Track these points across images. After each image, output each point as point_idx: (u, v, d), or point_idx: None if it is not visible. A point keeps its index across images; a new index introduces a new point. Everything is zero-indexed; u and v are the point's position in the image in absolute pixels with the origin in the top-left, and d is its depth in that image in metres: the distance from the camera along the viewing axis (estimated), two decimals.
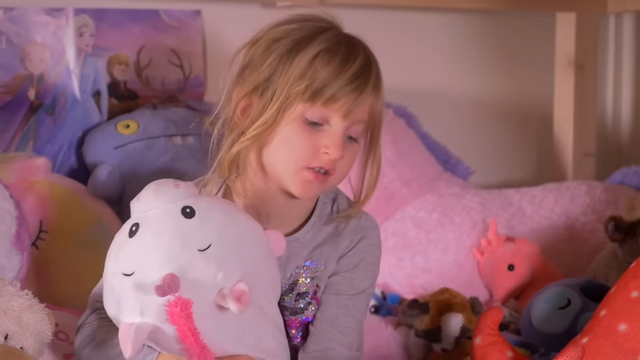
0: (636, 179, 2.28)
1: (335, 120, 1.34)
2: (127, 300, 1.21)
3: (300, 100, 1.32)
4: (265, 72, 1.35)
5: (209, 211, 1.24)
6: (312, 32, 1.37)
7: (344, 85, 1.33)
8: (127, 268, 1.22)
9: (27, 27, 2.03)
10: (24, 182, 1.79)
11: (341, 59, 1.34)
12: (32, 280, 1.59)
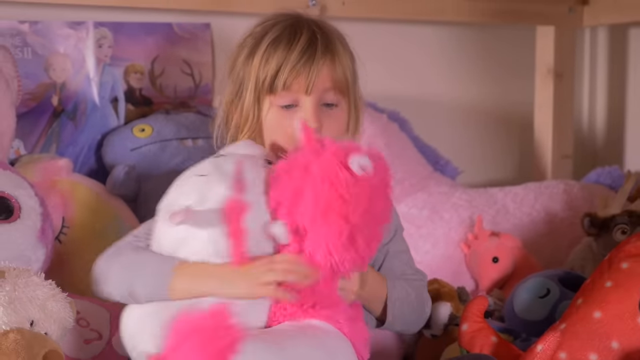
0: (610, 178, 2.29)
1: (302, 98, 1.36)
2: (189, 191, 1.27)
3: (265, 94, 1.36)
4: (239, 77, 1.39)
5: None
6: (266, 29, 1.39)
7: (295, 64, 1.34)
8: (202, 172, 1.29)
9: (51, 39, 2.03)
10: (47, 181, 1.79)
11: (286, 42, 1.36)
12: (55, 271, 1.59)
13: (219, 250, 1.24)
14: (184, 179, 1.32)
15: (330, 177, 1.18)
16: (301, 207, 1.21)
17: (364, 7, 2.23)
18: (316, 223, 1.19)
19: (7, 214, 1.54)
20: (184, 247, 1.27)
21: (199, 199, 1.25)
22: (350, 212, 1.18)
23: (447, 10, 2.33)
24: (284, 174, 1.24)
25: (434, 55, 2.49)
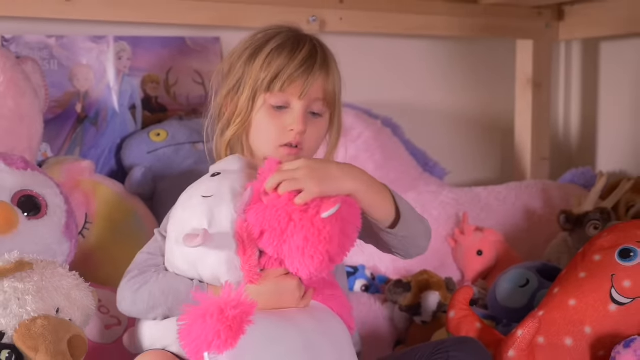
0: (583, 179, 2.29)
1: (294, 101, 1.38)
2: (199, 213, 1.27)
3: (262, 91, 1.38)
4: (237, 74, 1.42)
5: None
6: (269, 37, 1.42)
7: (294, 71, 1.37)
8: (206, 192, 1.29)
9: (75, 52, 2.03)
10: (72, 181, 1.79)
11: (289, 50, 1.39)
12: (79, 263, 1.59)
13: (232, 268, 1.25)
14: (190, 199, 1.31)
15: (313, 230, 1.20)
16: (286, 247, 1.22)
17: (359, 22, 2.23)
18: (302, 262, 1.21)
19: (35, 211, 1.54)
20: (198, 267, 1.28)
21: (209, 222, 1.25)
22: (330, 249, 1.20)
23: (437, 26, 2.33)
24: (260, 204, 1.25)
25: (424, 67, 2.49)
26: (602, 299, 1.47)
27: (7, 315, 1.27)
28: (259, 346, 1.18)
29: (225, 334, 1.11)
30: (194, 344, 1.13)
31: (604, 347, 1.45)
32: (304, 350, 1.21)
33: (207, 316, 1.11)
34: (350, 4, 2.20)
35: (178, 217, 1.32)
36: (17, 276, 1.30)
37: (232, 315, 1.11)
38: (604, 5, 2.35)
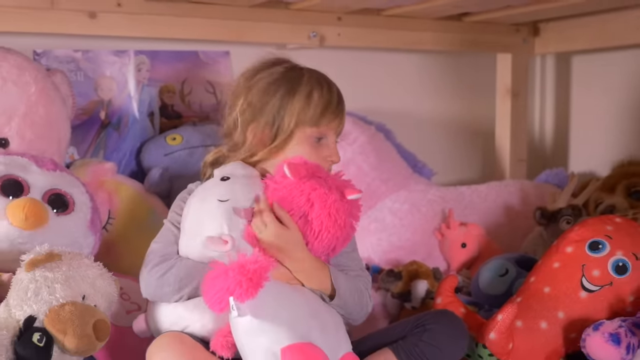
0: (557, 179, 2.29)
1: (331, 135, 1.40)
2: (219, 217, 1.29)
3: (307, 125, 1.37)
4: (272, 110, 1.37)
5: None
6: (297, 75, 1.40)
7: (333, 111, 1.39)
8: (222, 197, 1.31)
9: (99, 65, 2.03)
10: (96, 181, 1.79)
11: (326, 93, 1.39)
12: (103, 255, 1.59)
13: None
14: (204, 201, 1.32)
15: (330, 210, 1.27)
16: (306, 229, 1.29)
17: (356, 37, 2.23)
18: (318, 240, 1.29)
19: (63, 207, 1.54)
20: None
21: (227, 225, 1.28)
22: (339, 236, 1.29)
23: (425, 41, 2.33)
24: (293, 197, 1.29)
25: (414, 78, 2.49)
26: (574, 287, 1.47)
27: (38, 301, 1.27)
28: (275, 301, 1.21)
29: (247, 284, 1.14)
30: (217, 295, 1.16)
31: (575, 330, 1.45)
32: (311, 315, 1.25)
33: (230, 270, 1.15)
34: (347, 21, 2.20)
35: (194, 217, 1.32)
36: (47, 266, 1.30)
37: (253, 268, 1.15)
38: (576, 22, 2.35)
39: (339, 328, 1.31)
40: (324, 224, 1.27)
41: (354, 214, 1.32)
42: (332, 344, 1.25)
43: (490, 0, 2.03)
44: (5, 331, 1.25)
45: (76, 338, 1.25)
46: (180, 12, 2.01)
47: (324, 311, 1.29)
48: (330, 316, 1.30)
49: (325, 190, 1.27)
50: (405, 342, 1.34)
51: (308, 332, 1.21)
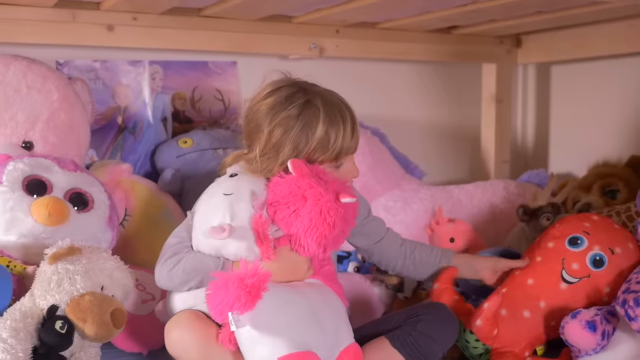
0: (537, 178, 2.28)
1: (349, 158, 1.38)
2: (222, 209, 1.27)
3: (328, 159, 1.34)
4: (290, 150, 1.32)
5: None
6: (313, 114, 1.32)
7: (350, 140, 1.36)
8: (227, 191, 1.29)
9: (117, 74, 2.03)
10: (114, 181, 1.79)
11: (342, 123, 1.34)
12: (120, 249, 1.59)
13: (251, 254, 1.26)
14: (212, 196, 1.32)
15: (321, 208, 1.24)
16: (297, 222, 1.25)
17: (352, 49, 2.23)
18: (306, 235, 1.25)
19: (83, 205, 1.54)
20: (222, 253, 1.28)
21: (230, 216, 1.26)
22: (328, 235, 1.24)
23: (416, 52, 2.33)
24: (290, 192, 1.27)
25: (406, 86, 2.49)
26: (555, 279, 1.48)
27: (60, 291, 1.27)
28: (274, 309, 1.20)
29: (245, 298, 1.13)
30: (219, 307, 1.15)
31: (555, 318, 1.45)
32: (311, 316, 1.23)
33: (229, 284, 1.14)
34: (345, 33, 2.21)
35: (202, 211, 1.32)
36: (68, 259, 1.30)
37: (251, 282, 1.13)
38: (555, 35, 2.36)
39: (340, 322, 1.30)
40: (314, 220, 1.23)
41: (347, 219, 1.28)
42: (332, 341, 1.25)
43: (476, 15, 2.03)
44: (30, 319, 1.25)
45: (95, 325, 1.25)
46: (191, 25, 2.01)
47: (324, 308, 1.28)
48: (331, 312, 1.29)
49: (321, 189, 1.24)
50: (400, 332, 1.35)
51: (307, 337, 1.20)
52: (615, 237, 1.50)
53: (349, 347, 1.27)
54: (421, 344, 1.33)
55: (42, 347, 1.24)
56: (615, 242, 1.49)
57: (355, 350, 1.28)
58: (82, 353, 1.29)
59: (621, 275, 1.45)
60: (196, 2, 1.93)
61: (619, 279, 1.45)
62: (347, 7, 1.89)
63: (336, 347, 1.26)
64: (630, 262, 1.47)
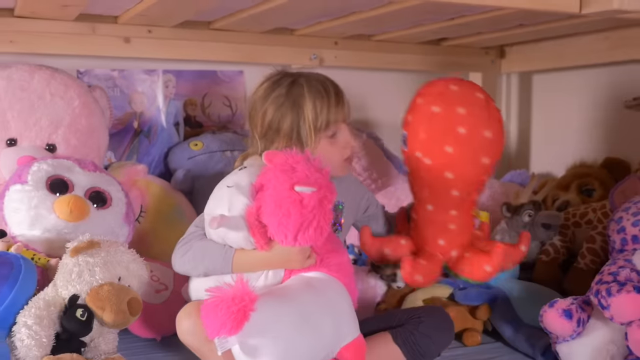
0: (520, 178, 2.28)
1: (342, 126, 1.39)
2: (223, 202, 1.25)
3: (321, 131, 1.36)
4: (289, 127, 1.36)
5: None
6: (298, 92, 1.37)
7: (337, 109, 1.38)
8: (230, 183, 1.27)
9: (133, 82, 2.03)
10: (130, 180, 1.79)
11: (326, 94, 1.37)
12: (135, 243, 1.59)
13: (247, 243, 1.24)
14: (219, 189, 1.30)
15: (275, 198, 1.19)
16: (264, 213, 1.21)
17: (350, 59, 2.24)
18: (271, 224, 1.20)
19: (102, 203, 1.54)
20: (226, 240, 1.27)
21: (228, 207, 1.24)
22: (285, 221, 1.18)
23: (409, 62, 2.33)
24: (260, 189, 1.24)
25: (398, 93, 2.48)
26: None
27: (81, 282, 1.27)
28: (261, 327, 1.15)
29: (230, 324, 1.09)
30: (210, 328, 1.12)
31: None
32: (301, 325, 1.19)
33: (217, 309, 1.10)
34: (343, 45, 2.21)
35: (208, 202, 1.31)
36: (88, 253, 1.31)
37: (236, 309, 1.10)
38: (536, 46, 2.36)
39: (342, 318, 1.25)
40: (273, 210, 1.18)
41: (311, 207, 1.17)
42: (329, 340, 1.21)
43: (463, 28, 2.03)
44: (53, 307, 1.25)
45: (113, 313, 1.25)
46: (202, 37, 2.01)
47: (320, 308, 1.22)
48: (330, 310, 1.24)
49: (277, 180, 1.19)
50: (402, 330, 1.35)
51: (295, 350, 1.16)
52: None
53: (351, 342, 1.24)
54: (421, 344, 1.33)
55: (64, 334, 1.24)
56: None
57: (357, 344, 1.24)
58: (100, 339, 1.30)
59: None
60: (206, 16, 1.93)
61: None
62: (345, 20, 1.89)
63: (336, 343, 1.22)
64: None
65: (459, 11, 1.81)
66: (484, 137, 1.35)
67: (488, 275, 1.38)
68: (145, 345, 1.58)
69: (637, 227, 1.50)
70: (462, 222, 1.42)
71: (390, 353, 1.33)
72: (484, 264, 1.38)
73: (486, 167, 1.38)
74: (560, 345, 1.40)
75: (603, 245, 1.80)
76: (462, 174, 1.37)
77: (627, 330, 1.31)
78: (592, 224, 1.88)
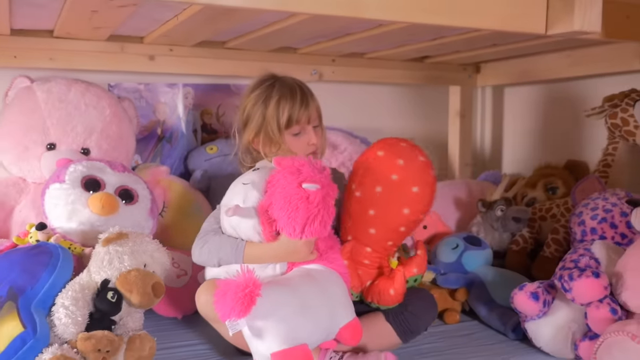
0: (493, 178, 2.28)
1: (305, 126, 1.38)
2: (239, 195, 1.26)
3: (284, 128, 1.37)
4: (258, 121, 1.39)
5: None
6: (269, 90, 1.39)
7: (299, 109, 1.37)
8: (246, 181, 1.27)
9: (157, 94, 2.03)
10: (154, 180, 1.79)
11: (290, 96, 1.37)
12: (159, 234, 1.59)
13: (257, 232, 1.24)
14: (235, 185, 1.31)
15: (285, 196, 1.19)
16: (275, 210, 1.21)
17: (346, 74, 2.23)
18: (280, 219, 1.20)
19: (130, 199, 1.54)
20: (237, 230, 1.27)
21: (243, 200, 1.25)
22: (295, 215, 1.18)
23: (396, 76, 2.33)
24: (270, 188, 1.24)
25: (387, 103, 2.49)
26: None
27: (111, 268, 1.27)
28: (266, 310, 1.15)
29: (239, 308, 1.10)
30: (222, 313, 1.12)
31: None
32: (301, 310, 1.18)
33: (227, 295, 1.11)
34: (340, 62, 2.21)
35: (226, 196, 1.32)
36: (118, 242, 1.30)
37: (243, 295, 1.10)
38: (507, 63, 2.36)
39: (338, 303, 1.24)
40: (283, 206, 1.18)
41: (317, 202, 1.18)
42: (327, 322, 1.21)
43: (443, 47, 2.03)
44: (87, 290, 1.25)
45: (139, 295, 1.25)
46: (217, 55, 2.01)
47: (317, 296, 1.22)
48: (326, 297, 1.23)
49: (286, 180, 1.19)
50: (393, 310, 1.35)
51: (296, 332, 1.16)
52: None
53: (348, 324, 1.23)
54: (409, 321, 1.33)
55: (96, 313, 1.24)
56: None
57: (354, 325, 1.24)
58: (128, 317, 1.29)
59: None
60: (221, 37, 1.93)
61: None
62: (341, 41, 1.89)
63: (333, 325, 1.22)
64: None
65: (439, 33, 1.80)
66: (411, 191, 1.30)
67: (394, 298, 1.33)
68: (167, 323, 1.58)
69: (595, 220, 1.50)
70: (375, 261, 1.36)
71: (383, 330, 1.33)
72: (389, 288, 1.34)
73: (406, 217, 1.31)
74: (528, 323, 1.40)
75: (565, 236, 1.80)
76: (383, 215, 1.31)
77: (586, 310, 1.31)
78: (556, 218, 1.88)
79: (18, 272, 1.24)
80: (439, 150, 2.60)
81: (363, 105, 2.41)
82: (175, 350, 1.43)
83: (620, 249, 1.42)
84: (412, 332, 1.34)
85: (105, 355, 1.20)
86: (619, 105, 1.83)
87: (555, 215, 1.89)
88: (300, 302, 1.19)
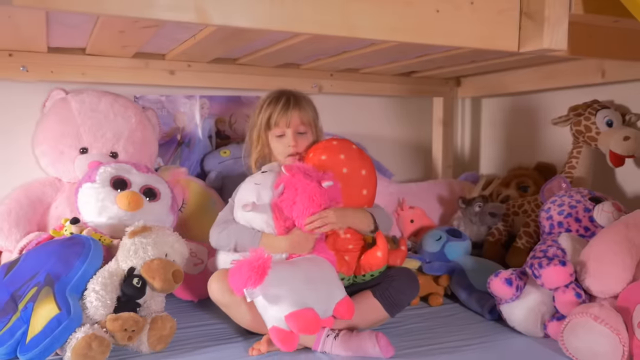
0: (472, 178, 2.28)
1: (287, 130, 1.39)
2: (252, 193, 1.28)
3: (266, 129, 1.40)
4: (251, 123, 1.45)
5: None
6: (267, 97, 1.43)
7: (279, 113, 1.39)
8: (258, 182, 1.30)
9: (177, 104, 2.03)
10: (174, 180, 1.79)
11: (275, 101, 1.40)
12: (179, 228, 1.59)
13: (270, 225, 1.24)
14: (248, 184, 1.32)
15: (309, 194, 1.23)
16: (296, 208, 1.25)
17: (343, 87, 2.23)
18: (301, 216, 1.24)
19: (153, 197, 1.54)
20: (251, 224, 1.27)
21: (257, 198, 1.26)
22: (318, 211, 1.25)
23: (387, 89, 2.33)
24: (287, 188, 1.26)
25: (379, 113, 2.49)
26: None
27: (137, 257, 1.27)
28: (278, 281, 1.17)
29: (254, 276, 1.12)
30: (237, 285, 1.14)
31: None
32: (306, 282, 1.21)
33: (242, 267, 1.13)
34: (337, 76, 2.21)
35: (240, 194, 1.32)
36: (142, 235, 1.30)
37: (257, 265, 1.12)
38: (484, 77, 2.35)
39: (331, 283, 1.27)
40: (305, 204, 1.22)
41: (333, 198, 1.27)
42: (325, 298, 1.23)
43: (428, 63, 2.03)
44: (115, 277, 1.25)
45: (161, 281, 1.25)
46: (229, 70, 2.01)
47: (317, 275, 1.25)
48: (323, 277, 1.26)
49: (307, 181, 1.23)
50: (379, 287, 1.35)
51: (305, 298, 1.18)
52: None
53: (342, 300, 1.25)
54: (394, 296, 1.33)
55: (123, 297, 1.24)
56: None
57: (347, 301, 1.26)
58: (152, 301, 1.29)
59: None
60: (233, 54, 1.93)
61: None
62: (339, 58, 1.89)
63: (330, 302, 1.24)
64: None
65: (425, 51, 1.80)
66: (362, 174, 1.37)
67: (383, 259, 1.35)
68: (186, 306, 1.58)
69: (562, 215, 1.50)
70: (357, 243, 1.38)
71: (372, 306, 1.33)
72: (376, 252, 1.35)
73: (365, 197, 1.38)
74: (503, 305, 1.40)
75: (536, 229, 1.80)
76: (348, 203, 1.35)
77: (554, 294, 1.31)
78: (527, 213, 1.88)
79: (54, 261, 1.24)
80: (424, 154, 2.60)
81: (358, 115, 2.40)
82: (192, 329, 1.43)
83: (584, 241, 1.42)
84: (397, 305, 1.34)
85: (131, 334, 1.20)
86: (583, 114, 1.84)
87: (526, 210, 1.89)
88: (304, 277, 1.22)
